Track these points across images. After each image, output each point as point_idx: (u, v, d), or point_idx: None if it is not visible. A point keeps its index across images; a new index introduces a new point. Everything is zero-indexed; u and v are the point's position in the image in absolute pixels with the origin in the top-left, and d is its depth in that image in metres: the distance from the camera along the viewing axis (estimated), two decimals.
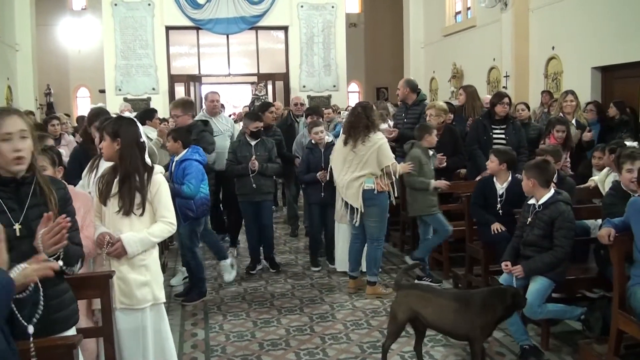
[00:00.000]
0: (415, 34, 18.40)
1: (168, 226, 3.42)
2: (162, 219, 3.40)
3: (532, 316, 4.10)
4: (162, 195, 3.41)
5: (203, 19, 15.89)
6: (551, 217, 4.12)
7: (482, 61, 14.72)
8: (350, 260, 5.77)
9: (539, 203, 4.21)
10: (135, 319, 3.32)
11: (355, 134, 5.40)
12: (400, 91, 7.10)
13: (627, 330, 3.58)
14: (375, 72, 21.79)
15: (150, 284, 3.38)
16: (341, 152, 5.54)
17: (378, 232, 5.57)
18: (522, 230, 4.32)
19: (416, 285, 4.61)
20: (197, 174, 5.25)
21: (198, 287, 5.54)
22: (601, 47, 10.32)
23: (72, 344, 2.37)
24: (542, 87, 11.99)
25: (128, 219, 3.31)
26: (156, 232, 3.38)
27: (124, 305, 3.29)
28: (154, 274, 3.42)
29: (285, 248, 7.57)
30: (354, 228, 5.67)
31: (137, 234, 3.31)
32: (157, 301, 3.42)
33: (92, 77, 19.08)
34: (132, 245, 3.27)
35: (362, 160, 5.39)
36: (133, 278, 3.31)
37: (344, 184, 5.49)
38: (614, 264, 3.72)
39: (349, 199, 5.49)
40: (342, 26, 16.89)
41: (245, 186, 6.19)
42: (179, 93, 16.54)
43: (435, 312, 3.74)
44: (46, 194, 2.40)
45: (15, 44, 15.16)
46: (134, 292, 3.30)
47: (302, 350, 4.36)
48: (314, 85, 16.53)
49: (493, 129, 6.45)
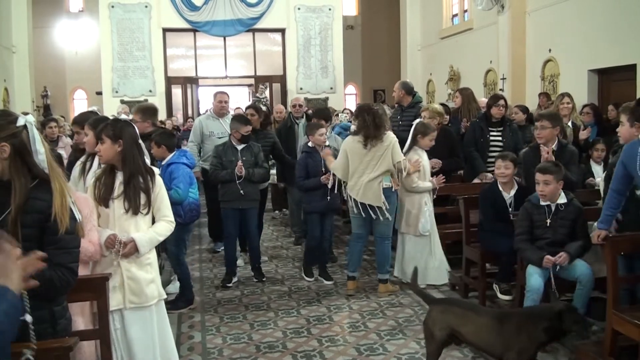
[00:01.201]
0: (413, 36, 18.44)
1: (170, 225, 3.56)
2: (164, 218, 3.53)
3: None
4: (164, 195, 3.53)
5: (200, 21, 15.89)
6: (576, 215, 4.33)
7: (479, 63, 14.75)
8: (352, 261, 5.77)
9: (561, 203, 4.34)
10: (144, 317, 3.42)
11: (377, 134, 5.40)
12: (396, 93, 7.12)
13: (622, 331, 3.59)
14: (372, 74, 21.81)
15: (155, 281, 3.52)
16: (358, 155, 5.46)
17: (389, 229, 5.63)
18: (541, 232, 4.37)
19: (453, 302, 4.20)
20: (184, 177, 5.07)
21: (184, 295, 5.40)
22: (598, 49, 10.35)
23: (68, 346, 2.36)
24: (539, 90, 12.00)
25: (134, 220, 3.40)
26: (162, 231, 3.51)
27: (134, 305, 3.38)
28: (156, 271, 3.56)
29: (288, 253, 7.52)
30: (357, 228, 5.69)
31: (146, 234, 3.42)
32: (161, 297, 3.55)
33: (89, 79, 19.05)
34: (144, 245, 3.39)
35: (379, 159, 5.41)
36: (142, 276, 3.42)
37: (361, 186, 5.46)
38: (607, 264, 3.74)
39: (369, 200, 5.45)
40: (339, 28, 16.92)
41: (231, 192, 5.90)
42: (176, 95, 16.56)
43: (474, 331, 3.51)
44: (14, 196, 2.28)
45: (12, 46, 15.15)
46: (144, 290, 3.41)
47: (299, 352, 4.36)
48: (311, 88, 16.55)
49: (490, 131, 6.47)
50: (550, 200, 4.33)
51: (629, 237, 3.86)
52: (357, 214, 5.57)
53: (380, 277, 5.69)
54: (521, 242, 4.42)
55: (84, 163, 4.16)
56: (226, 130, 6.77)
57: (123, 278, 3.36)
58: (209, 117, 7.30)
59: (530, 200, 4.47)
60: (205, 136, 7.03)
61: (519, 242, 4.44)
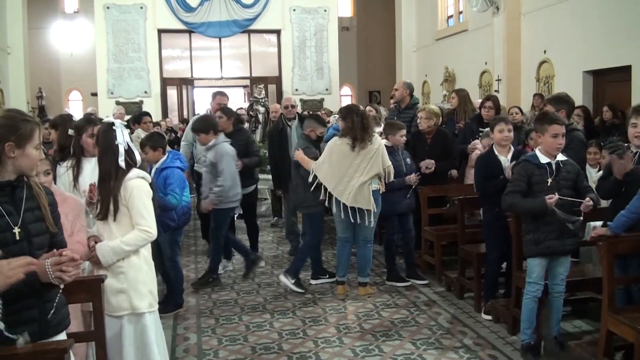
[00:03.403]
0: (408, 38, 18.49)
1: (143, 234, 3.28)
2: (136, 226, 3.29)
3: None
4: (135, 200, 3.27)
5: (195, 22, 15.91)
6: (576, 173, 4.04)
7: (474, 65, 14.79)
8: (341, 266, 5.70)
9: (561, 160, 4.00)
10: (112, 327, 3.23)
11: (365, 137, 5.34)
12: (399, 92, 7.09)
13: (617, 331, 3.61)
14: (367, 75, 21.85)
15: (127, 292, 3.27)
16: (347, 158, 5.38)
17: (372, 233, 5.61)
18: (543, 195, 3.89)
19: None
20: (180, 182, 5.04)
21: (174, 299, 5.31)
22: (592, 51, 10.40)
23: (63, 348, 2.36)
24: (534, 91, 12.05)
25: (107, 225, 3.29)
26: (130, 241, 3.26)
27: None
28: (131, 282, 3.29)
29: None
30: (343, 232, 5.64)
31: (110, 242, 3.25)
32: (135, 310, 3.29)
33: (84, 80, 19.04)
34: (104, 254, 3.23)
35: (369, 162, 5.37)
36: (109, 284, 3.19)
37: (352, 190, 5.39)
38: (602, 266, 3.74)
39: (359, 204, 5.39)
40: (335, 30, 16.96)
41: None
42: (171, 96, 16.56)
43: None
44: (38, 198, 2.47)
45: (7, 47, 15.12)
46: (109, 298, 3.20)
47: (294, 354, 4.35)
48: (307, 89, 16.57)
49: (480, 131, 6.49)
50: (552, 158, 4.00)
51: (626, 239, 3.80)
52: (345, 218, 5.50)
53: (360, 280, 5.65)
54: (514, 198, 4.02)
55: (73, 168, 4.04)
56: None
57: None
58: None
59: (529, 160, 4.05)
60: None
61: (511, 199, 4.03)
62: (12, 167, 2.38)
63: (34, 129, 2.41)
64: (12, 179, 2.39)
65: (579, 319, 4.79)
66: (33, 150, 2.41)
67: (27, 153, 2.39)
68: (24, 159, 2.39)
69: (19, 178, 2.43)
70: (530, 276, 4.08)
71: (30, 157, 2.41)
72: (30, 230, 2.40)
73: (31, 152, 2.41)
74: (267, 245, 7.87)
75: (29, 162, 2.42)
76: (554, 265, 4.07)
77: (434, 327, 4.81)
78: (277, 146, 7.10)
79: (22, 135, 2.37)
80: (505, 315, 4.70)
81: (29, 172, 2.46)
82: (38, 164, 2.52)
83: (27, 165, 2.42)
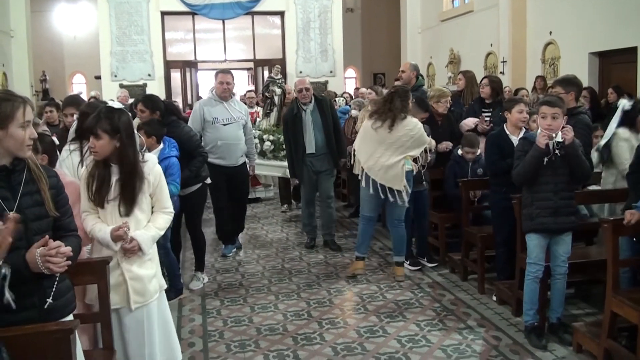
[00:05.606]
0: (412, 19, 18.34)
1: (170, 216, 3.39)
2: (163, 209, 3.33)
3: None
4: (163, 186, 3.33)
5: (199, 4, 15.79)
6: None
7: (479, 46, 14.69)
8: (365, 243, 5.77)
9: (558, 140, 3.94)
10: (145, 315, 3.21)
11: (395, 117, 5.35)
12: (407, 74, 7.05)
13: (621, 313, 3.61)
14: (372, 57, 21.70)
15: (157, 275, 3.33)
16: (374, 136, 5.43)
17: (403, 212, 5.61)
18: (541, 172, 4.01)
19: None
20: (179, 171, 4.95)
21: (173, 285, 5.15)
22: (598, 32, 10.31)
23: (69, 329, 2.38)
24: (540, 73, 11.97)
25: (134, 217, 3.18)
26: (162, 225, 3.33)
27: (138, 305, 3.15)
28: (156, 264, 3.36)
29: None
30: (370, 211, 5.67)
31: (148, 231, 3.22)
32: (162, 288, 3.37)
33: (87, 63, 19.00)
34: (147, 244, 3.20)
35: (403, 143, 5.37)
36: (145, 274, 3.21)
37: (381, 167, 5.42)
38: (607, 247, 3.74)
39: (389, 182, 5.42)
40: (339, 11, 16.82)
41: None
42: (174, 79, 16.50)
43: None
44: (39, 182, 2.43)
45: (10, 30, 15.07)
46: (147, 287, 3.21)
47: (299, 335, 4.38)
48: (311, 71, 16.47)
49: (483, 112, 6.50)
50: (549, 138, 3.97)
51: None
52: (373, 195, 5.51)
53: (396, 259, 5.68)
54: (519, 168, 4.12)
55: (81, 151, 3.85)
56: (232, 116, 6.23)
57: (125, 278, 3.14)
58: (210, 101, 6.32)
59: (527, 138, 4.21)
60: (208, 123, 6.16)
61: (517, 169, 4.14)
62: (2, 150, 2.34)
63: (17, 107, 2.34)
64: (7, 163, 2.36)
65: (584, 302, 4.81)
66: (18, 130, 2.33)
67: (10, 133, 2.32)
68: (9, 140, 2.33)
69: (17, 162, 2.39)
70: (530, 256, 4.12)
71: (14, 136, 2.33)
72: (28, 215, 2.35)
73: (15, 132, 2.33)
74: (272, 227, 7.91)
75: (15, 143, 2.34)
76: (553, 245, 4.09)
77: (438, 308, 4.84)
78: (292, 132, 6.69)
79: (2, 115, 2.31)
80: (509, 297, 4.71)
81: (19, 152, 2.38)
82: (29, 143, 2.39)
83: (14, 145, 2.34)
